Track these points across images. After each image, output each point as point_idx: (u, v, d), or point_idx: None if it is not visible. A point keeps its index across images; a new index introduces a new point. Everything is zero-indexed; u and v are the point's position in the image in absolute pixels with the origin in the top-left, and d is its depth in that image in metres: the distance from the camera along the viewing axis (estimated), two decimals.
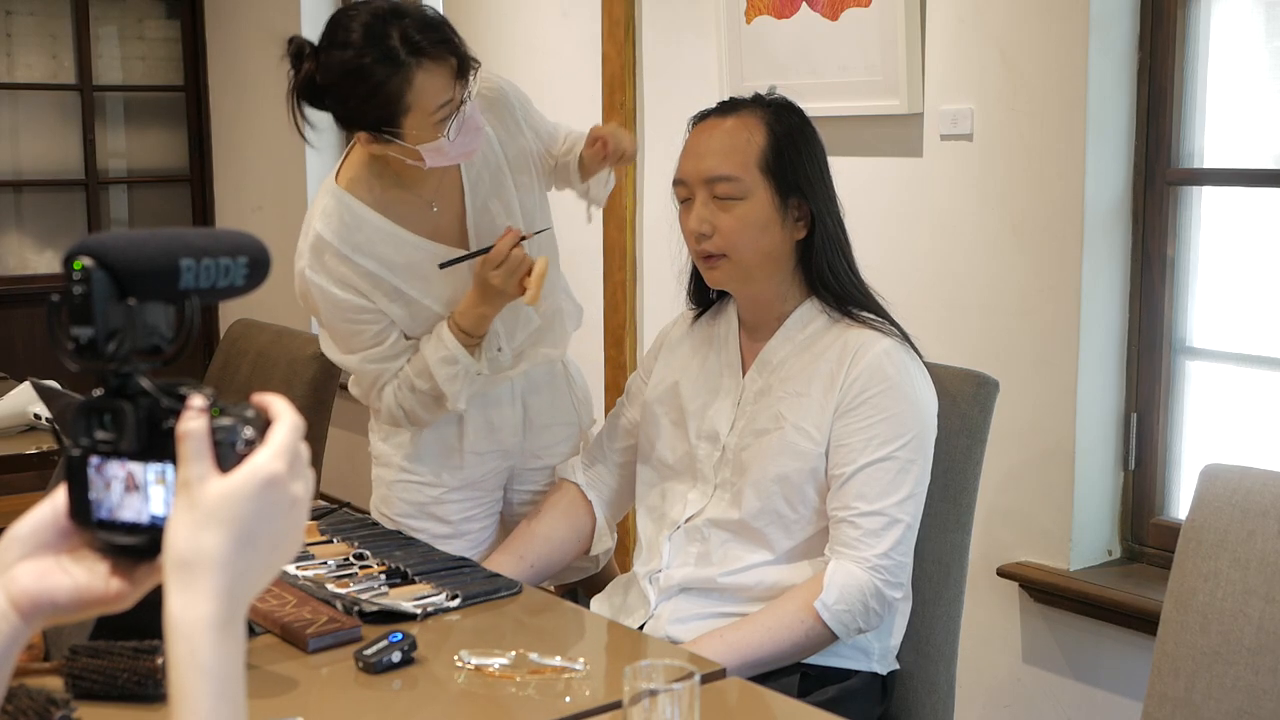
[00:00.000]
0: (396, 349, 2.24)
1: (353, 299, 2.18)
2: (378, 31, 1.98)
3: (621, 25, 3.57)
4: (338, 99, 2.04)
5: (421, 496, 2.38)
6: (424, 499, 2.38)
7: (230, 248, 0.85)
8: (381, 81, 1.99)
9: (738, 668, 1.79)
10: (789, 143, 1.97)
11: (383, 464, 2.42)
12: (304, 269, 2.19)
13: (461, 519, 2.41)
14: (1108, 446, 2.70)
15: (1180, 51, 2.58)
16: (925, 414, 1.95)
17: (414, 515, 2.38)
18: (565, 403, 2.47)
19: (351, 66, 1.99)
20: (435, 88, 2.02)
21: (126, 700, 1.56)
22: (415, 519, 2.38)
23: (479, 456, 2.39)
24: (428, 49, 2.00)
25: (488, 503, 2.44)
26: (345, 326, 2.22)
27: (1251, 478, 1.62)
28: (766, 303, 2.03)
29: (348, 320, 2.21)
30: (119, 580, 0.84)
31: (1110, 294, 2.66)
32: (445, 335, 2.20)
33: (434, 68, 2.01)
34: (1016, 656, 2.80)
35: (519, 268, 2.13)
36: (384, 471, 2.41)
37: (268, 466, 0.81)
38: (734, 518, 1.99)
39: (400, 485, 2.39)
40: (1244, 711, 1.56)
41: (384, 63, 1.98)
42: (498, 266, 2.12)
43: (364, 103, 2.02)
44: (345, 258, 2.17)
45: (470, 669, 1.68)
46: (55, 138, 5.64)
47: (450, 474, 2.38)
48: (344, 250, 2.16)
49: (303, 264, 2.19)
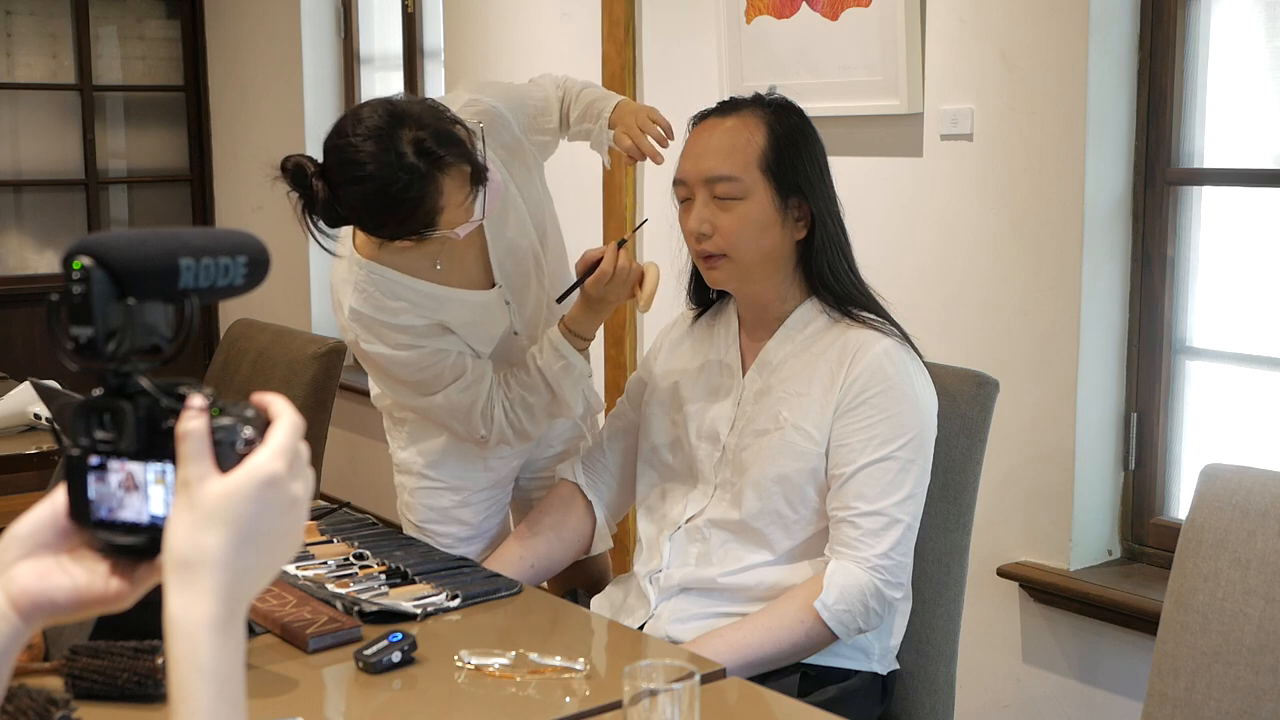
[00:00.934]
0: (479, 371, 2.20)
1: (413, 355, 2.13)
2: (392, 154, 1.89)
3: (621, 25, 3.57)
4: (369, 224, 1.98)
5: (444, 501, 2.38)
6: (447, 504, 2.38)
7: (230, 247, 0.85)
8: (415, 200, 1.91)
9: (738, 668, 1.79)
10: (789, 143, 1.97)
11: (404, 471, 2.41)
12: (357, 342, 2.15)
13: (481, 519, 2.41)
14: (1108, 446, 2.70)
15: (1180, 51, 2.58)
16: (925, 414, 1.95)
17: (436, 520, 2.38)
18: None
19: (378, 197, 1.90)
20: (462, 181, 1.96)
21: (126, 700, 1.56)
22: (437, 524, 2.38)
23: (502, 459, 2.39)
24: (445, 155, 1.93)
25: (502, 499, 2.46)
26: (422, 376, 2.16)
27: (1251, 478, 1.62)
28: (766, 303, 2.03)
29: (422, 370, 2.15)
30: (119, 580, 0.84)
31: (1110, 294, 2.66)
32: (563, 345, 2.17)
33: (455, 168, 1.95)
34: (1016, 656, 2.80)
35: (629, 278, 2.11)
36: (406, 479, 2.41)
37: (268, 466, 0.81)
38: (734, 518, 1.99)
39: (423, 491, 2.38)
40: (1244, 712, 1.56)
41: (413, 184, 1.90)
42: (608, 283, 2.10)
43: (400, 223, 1.95)
44: (390, 325, 2.12)
45: (470, 669, 1.68)
46: (55, 138, 5.64)
47: (473, 478, 2.38)
48: (385, 319, 2.11)
49: (353, 338, 2.15)
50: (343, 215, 1.95)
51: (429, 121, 1.92)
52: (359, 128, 1.91)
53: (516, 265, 2.25)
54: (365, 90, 5.10)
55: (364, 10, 5.07)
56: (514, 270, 2.24)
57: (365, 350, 2.14)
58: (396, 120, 1.91)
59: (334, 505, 2.33)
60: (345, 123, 1.94)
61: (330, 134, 1.96)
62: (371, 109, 1.94)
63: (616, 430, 2.25)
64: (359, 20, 5.08)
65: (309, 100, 5.11)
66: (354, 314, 2.11)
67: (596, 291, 2.11)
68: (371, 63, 5.10)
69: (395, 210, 1.92)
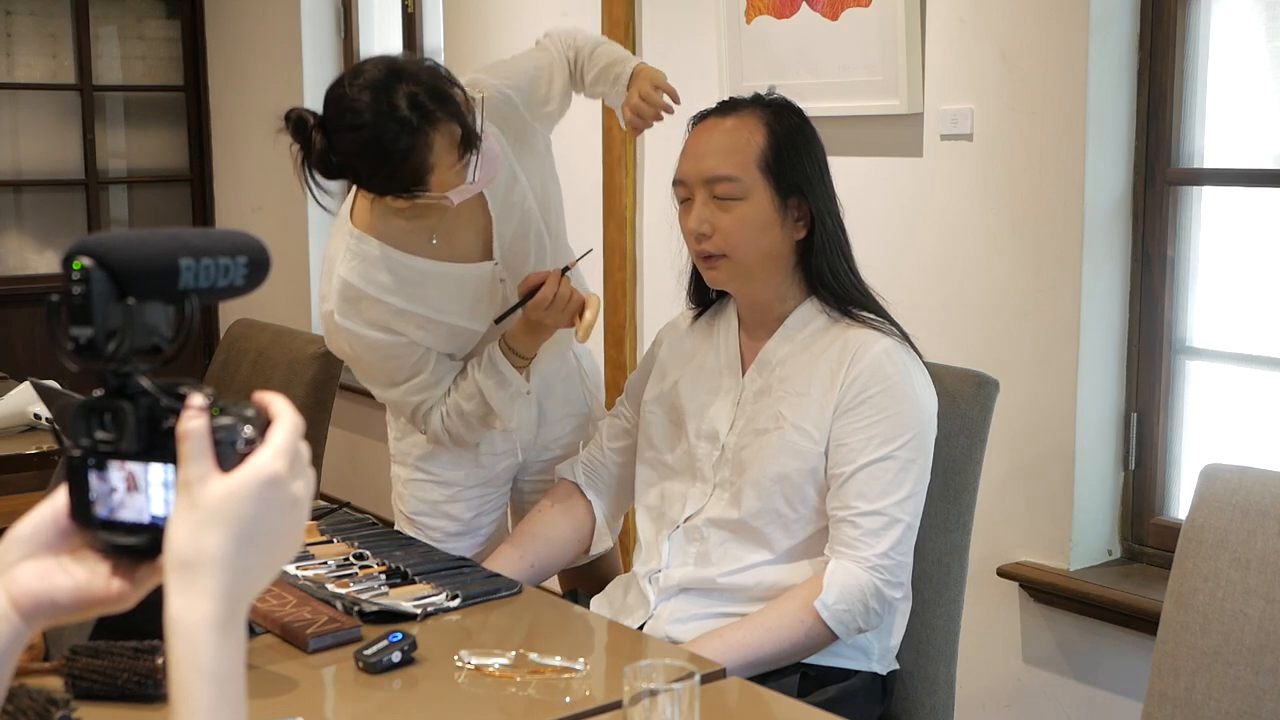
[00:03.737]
0: (438, 374, 2.24)
1: (385, 338, 2.18)
2: (385, 104, 1.94)
3: (621, 25, 3.57)
4: (360, 175, 2.02)
5: (436, 495, 2.40)
6: (438, 497, 2.40)
7: (230, 248, 0.85)
8: (404, 152, 1.95)
9: (738, 668, 1.79)
10: (788, 143, 1.98)
11: (399, 461, 2.44)
12: (332, 313, 2.17)
13: (472, 516, 2.42)
14: (1108, 446, 2.70)
15: (1180, 51, 2.58)
16: (925, 414, 1.95)
17: (427, 513, 2.41)
18: (577, 395, 2.50)
19: (370, 145, 1.95)
20: (453, 142, 1.99)
21: (126, 700, 1.56)
22: (428, 516, 2.41)
23: (494, 457, 2.41)
24: (438, 111, 1.96)
25: (496, 498, 2.46)
26: (383, 365, 2.21)
27: (1251, 478, 1.62)
28: (766, 303, 2.03)
29: (385, 358, 2.20)
30: (120, 580, 0.84)
31: (1110, 294, 2.66)
32: (499, 360, 2.22)
33: (446, 126, 1.98)
34: (1016, 656, 2.80)
35: (569, 305, 2.15)
36: (400, 469, 2.44)
37: (268, 466, 0.81)
38: (733, 517, 1.99)
39: (415, 484, 2.41)
40: (1244, 712, 1.56)
41: (402, 135, 1.94)
42: (548, 308, 2.13)
43: (390, 176, 1.99)
44: (374, 299, 2.15)
45: (470, 669, 1.68)
46: (55, 138, 5.64)
47: (465, 474, 2.40)
48: (371, 292, 2.15)
49: (329, 307, 2.18)
50: (337, 165, 2.00)
51: (426, 79, 1.98)
52: (358, 79, 1.97)
53: (518, 245, 2.26)
54: None
55: (364, 10, 5.07)
56: (515, 250, 2.26)
57: (338, 324, 2.17)
58: (395, 75, 1.97)
59: (334, 505, 2.33)
60: (346, 75, 2.01)
61: (331, 85, 2.02)
62: (374, 64, 2.00)
63: (616, 430, 2.25)
64: (359, 20, 5.08)
65: (309, 100, 5.10)
66: (342, 284, 2.15)
67: (535, 315, 2.15)
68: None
69: (385, 161, 1.96)
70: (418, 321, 2.19)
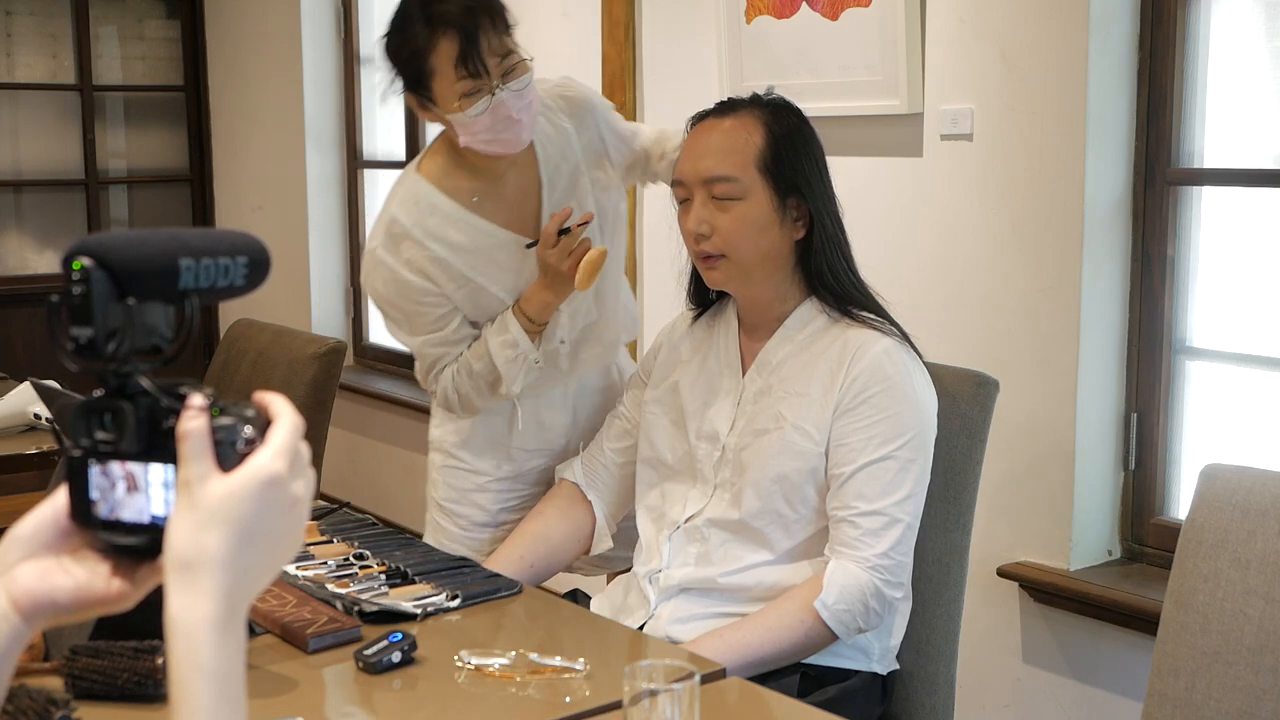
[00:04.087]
0: (459, 334, 2.28)
1: (419, 282, 2.22)
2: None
3: (621, 25, 3.57)
4: (386, 58, 2.16)
5: (466, 483, 2.41)
6: (468, 485, 2.41)
7: (230, 248, 0.85)
8: (410, 44, 2.10)
9: (738, 668, 1.79)
10: (787, 143, 1.98)
11: (435, 449, 2.47)
12: (376, 248, 2.24)
13: (499, 509, 2.42)
14: (1108, 446, 2.70)
15: (1180, 51, 2.58)
16: (925, 413, 1.95)
17: (456, 500, 2.42)
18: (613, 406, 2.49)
19: (391, 31, 2.13)
20: (452, 55, 2.08)
21: (126, 700, 1.56)
22: (456, 504, 2.42)
23: (526, 453, 2.41)
24: (448, 22, 2.07)
25: (526, 497, 2.45)
26: (410, 308, 2.25)
27: (1251, 478, 1.62)
28: (766, 303, 2.03)
29: (413, 302, 2.24)
30: (120, 580, 0.84)
31: (1110, 294, 2.66)
32: (509, 319, 2.24)
33: (447, 36, 2.07)
34: (1016, 656, 2.80)
35: (571, 244, 2.16)
36: (435, 456, 2.46)
37: (268, 466, 0.81)
38: (734, 518, 1.99)
39: (448, 470, 2.43)
40: (1244, 712, 1.56)
41: (420, 21, 2.09)
42: (552, 246, 2.16)
43: (397, 55, 2.13)
44: (418, 242, 2.21)
45: (470, 669, 1.68)
46: (55, 138, 5.64)
47: (495, 465, 2.41)
48: (417, 234, 2.21)
49: (375, 244, 2.24)
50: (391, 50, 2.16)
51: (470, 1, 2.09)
52: None
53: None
54: (365, 90, 5.10)
55: (364, 10, 5.07)
56: None
57: (379, 257, 2.23)
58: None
59: (334, 505, 2.33)
60: None
61: None
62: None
63: (616, 430, 2.25)
64: (359, 20, 5.08)
65: (309, 100, 5.11)
66: (390, 220, 2.23)
67: (542, 252, 2.17)
68: (372, 63, 5.09)
69: (397, 51, 2.13)
70: (454, 276, 2.22)
